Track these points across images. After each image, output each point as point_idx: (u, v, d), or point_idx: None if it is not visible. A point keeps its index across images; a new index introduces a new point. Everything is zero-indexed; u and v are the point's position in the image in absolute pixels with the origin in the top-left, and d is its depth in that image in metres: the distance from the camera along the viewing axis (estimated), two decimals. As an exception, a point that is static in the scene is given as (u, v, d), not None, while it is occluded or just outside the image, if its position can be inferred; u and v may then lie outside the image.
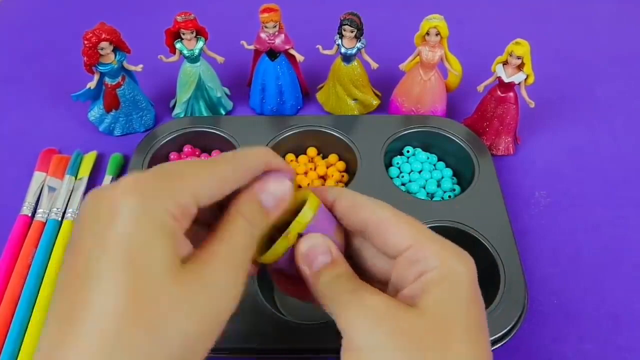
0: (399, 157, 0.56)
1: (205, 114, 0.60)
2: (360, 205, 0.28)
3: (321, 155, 0.57)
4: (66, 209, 0.52)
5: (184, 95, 0.58)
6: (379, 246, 0.27)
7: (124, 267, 0.20)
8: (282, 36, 0.56)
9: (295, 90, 0.61)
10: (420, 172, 0.55)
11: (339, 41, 0.55)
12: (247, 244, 0.25)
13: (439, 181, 0.54)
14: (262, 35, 0.56)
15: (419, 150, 0.57)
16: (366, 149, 0.54)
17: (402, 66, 0.58)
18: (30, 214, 0.51)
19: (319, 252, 0.26)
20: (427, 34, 0.53)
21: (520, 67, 0.52)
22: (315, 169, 0.55)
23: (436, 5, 0.58)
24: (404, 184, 0.54)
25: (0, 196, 0.54)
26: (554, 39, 0.73)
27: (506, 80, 0.53)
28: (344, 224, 0.28)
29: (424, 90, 0.57)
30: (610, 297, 0.47)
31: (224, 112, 0.62)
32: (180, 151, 0.56)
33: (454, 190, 0.54)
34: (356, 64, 0.58)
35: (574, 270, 0.49)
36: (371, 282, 0.27)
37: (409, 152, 0.56)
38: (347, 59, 0.57)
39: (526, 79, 0.53)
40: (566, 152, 0.59)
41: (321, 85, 0.63)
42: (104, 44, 0.52)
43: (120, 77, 0.56)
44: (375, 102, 0.62)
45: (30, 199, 0.52)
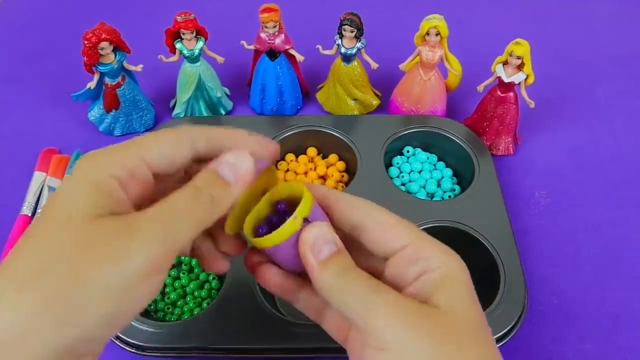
0: (399, 157, 0.56)
1: (205, 114, 0.60)
2: (356, 205, 0.28)
3: (321, 155, 0.57)
4: (66, 209, 0.52)
5: (184, 95, 0.58)
6: (374, 245, 0.27)
7: (44, 215, 0.23)
8: (282, 36, 0.56)
9: (295, 90, 0.61)
10: (420, 172, 0.55)
11: (339, 41, 0.55)
12: (186, 206, 0.24)
13: (439, 181, 0.54)
14: (262, 35, 0.56)
15: (419, 150, 0.57)
16: (366, 149, 0.54)
17: (402, 66, 0.58)
18: (30, 214, 0.51)
19: (325, 242, 0.26)
20: (427, 34, 0.53)
21: (520, 67, 0.52)
22: (315, 169, 0.55)
23: (436, 5, 0.58)
24: (404, 184, 0.54)
25: (0, 196, 0.54)
26: (554, 39, 0.73)
27: (506, 80, 0.53)
28: (339, 223, 0.28)
29: (424, 90, 0.57)
30: (610, 297, 0.47)
31: (224, 112, 0.62)
32: (180, 151, 0.56)
33: (454, 190, 0.54)
34: (356, 64, 0.58)
35: (574, 270, 0.49)
36: None
37: (409, 152, 0.56)
38: (347, 59, 0.57)
39: (526, 79, 0.53)
40: (566, 152, 0.59)
41: (321, 85, 0.63)
42: (104, 44, 0.52)
43: (120, 77, 0.56)
44: (375, 102, 0.62)
45: (30, 199, 0.52)
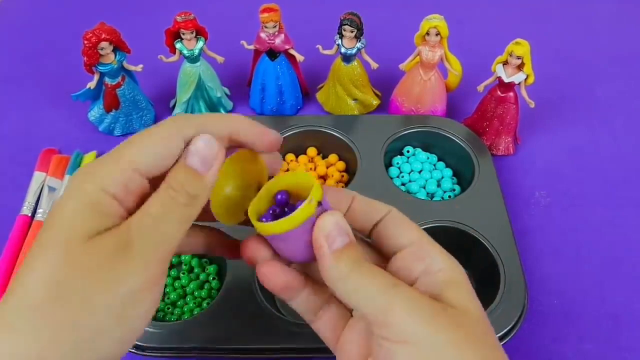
0: (399, 157, 0.56)
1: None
2: (374, 203, 0.29)
3: (321, 155, 0.57)
4: (66, 209, 0.52)
5: (184, 95, 0.58)
6: (387, 239, 0.28)
7: (44, 239, 0.23)
8: (282, 36, 0.56)
9: (295, 90, 0.61)
10: (420, 172, 0.55)
11: (339, 41, 0.55)
12: (167, 211, 0.24)
13: (439, 181, 0.54)
14: (262, 35, 0.56)
15: (419, 150, 0.57)
16: (366, 149, 0.54)
17: (402, 66, 0.58)
18: (30, 214, 0.51)
19: (340, 232, 0.26)
20: (427, 34, 0.53)
21: (520, 67, 0.52)
22: (315, 169, 0.55)
23: (436, 5, 0.58)
24: (404, 184, 0.54)
25: (0, 196, 0.54)
26: (554, 39, 0.73)
27: (506, 80, 0.53)
28: (357, 220, 0.29)
29: (424, 90, 0.57)
30: (610, 297, 0.47)
31: (224, 112, 0.62)
32: (180, 151, 0.56)
33: (454, 190, 0.54)
34: (356, 64, 0.58)
35: (574, 270, 0.49)
36: None
37: (409, 152, 0.56)
38: (347, 59, 0.57)
39: (526, 79, 0.53)
40: (566, 152, 0.59)
41: (321, 85, 0.63)
42: (104, 44, 0.52)
43: (120, 77, 0.56)
44: (375, 102, 0.62)
45: (30, 199, 0.52)
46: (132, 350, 0.41)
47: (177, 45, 0.55)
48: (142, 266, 0.23)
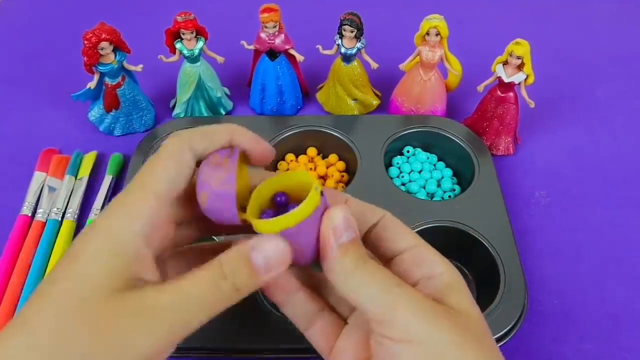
0: (399, 157, 0.56)
1: (205, 114, 0.60)
2: (368, 206, 0.29)
3: (321, 155, 0.57)
4: (66, 209, 0.52)
5: (184, 95, 0.58)
6: (388, 242, 0.28)
7: (62, 288, 0.22)
8: (282, 36, 0.56)
9: (295, 90, 0.61)
10: (420, 172, 0.55)
11: (339, 41, 0.55)
12: (203, 294, 0.23)
13: (439, 181, 0.54)
14: (262, 35, 0.56)
15: (419, 150, 0.57)
16: (366, 149, 0.54)
17: (402, 66, 0.58)
18: (30, 214, 0.51)
19: (347, 227, 0.26)
20: (427, 34, 0.53)
21: (520, 67, 0.52)
22: (315, 169, 0.55)
23: (436, 5, 0.58)
24: (404, 184, 0.54)
25: (0, 196, 0.54)
26: (554, 39, 0.73)
27: (506, 80, 0.53)
28: (360, 219, 0.29)
29: (424, 90, 0.57)
30: (610, 297, 0.47)
31: (224, 112, 0.62)
32: (180, 151, 0.56)
33: (454, 190, 0.54)
34: (356, 64, 0.58)
35: (574, 270, 0.49)
36: None
37: (409, 152, 0.56)
38: (347, 59, 0.57)
39: (526, 79, 0.53)
40: (566, 152, 0.59)
41: (321, 85, 0.63)
42: (104, 44, 0.52)
43: (120, 77, 0.56)
44: (375, 102, 0.62)
45: (30, 199, 0.52)
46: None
47: (177, 45, 0.55)
48: (162, 339, 0.22)
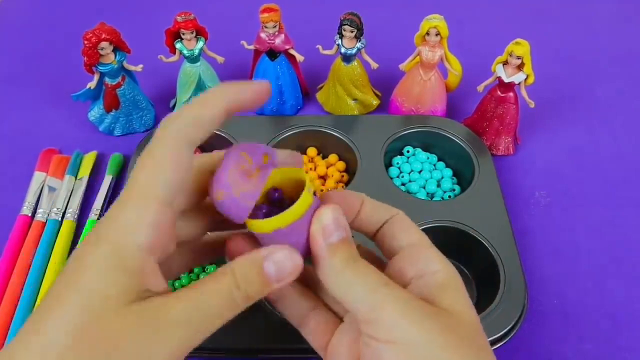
0: (399, 157, 0.56)
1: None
2: (382, 206, 0.29)
3: (321, 155, 0.57)
4: (66, 209, 0.52)
5: (184, 95, 0.58)
6: (390, 239, 0.28)
7: (73, 303, 0.21)
8: (282, 36, 0.56)
9: (295, 90, 0.61)
10: (420, 172, 0.55)
11: (339, 41, 0.55)
12: (217, 305, 0.23)
13: (439, 181, 0.54)
14: (262, 35, 0.56)
15: (419, 150, 0.57)
16: (366, 149, 0.54)
17: (402, 66, 0.58)
18: (30, 214, 0.51)
19: (337, 226, 0.26)
20: (427, 34, 0.53)
21: (520, 67, 0.52)
22: (315, 169, 0.55)
23: (436, 5, 0.58)
24: (404, 184, 0.54)
25: (0, 196, 0.54)
26: (554, 39, 0.73)
27: (506, 80, 0.53)
28: (366, 222, 0.29)
29: (424, 90, 0.57)
30: (610, 297, 0.47)
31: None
32: (180, 151, 0.56)
33: (454, 190, 0.54)
34: (356, 64, 0.58)
35: (574, 270, 0.49)
36: None
37: (409, 152, 0.56)
38: (347, 59, 0.57)
39: (526, 79, 0.53)
40: (566, 152, 0.59)
41: (321, 85, 0.63)
42: (104, 44, 0.52)
43: (120, 77, 0.56)
44: (375, 102, 0.62)
45: (30, 199, 0.52)
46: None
47: (177, 45, 0.55)
48: (178, 349, 0.22)
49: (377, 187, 0.51)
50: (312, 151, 0.57)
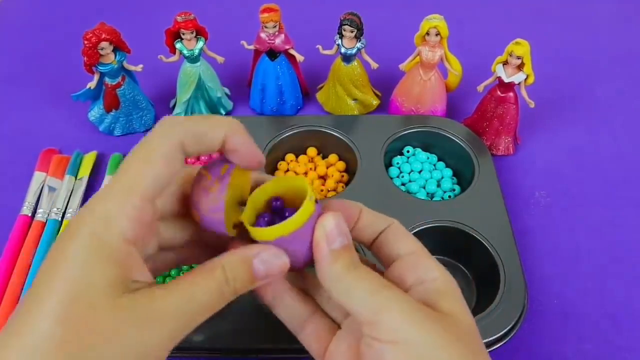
0: (399, 157, 0.56)
1: (205, 114, 0.60)
2: (379, 215, 0.30)
3: (321, 155, 0.57)
4: (66, 209, 0.52)
5: (184, 95, 0.58)
6: (389, 247, 0.29)
7: (62, 294, 0.21)
8: (282, 36, 0.56)
9: (295, 90, 0.61)
10: (420, 172, 0.55)
11: (339, 41, 0.55)
12: (207, 299, 0.24)
13: (439, 181, 0.54)
14: (262, 35, 0.56)
15: (419, 150, 0.57)
16: (366, 149, 0.54)
17: (402, 66, 0.58)
18: (30, 214, 0.51)
19: (339, 233, 0.26)
20: (427, 34, 0.53)
21: (520, 67, 0.52)
22: (315, 169, 0.55)
23: (436, 5, 0.58)
24: (404, 184, 0.54)
25: (0, 196, 0.54)
26: (554, 39, 0.73)
27: (506, 80, 0.53)
28: (363, 232, 0.29)
29: (424, 90, 0.57)
30: (610, 297, 0.47)
31: (224, 112, 0.62)
32: (180, 151, 0.56)
33: (454, 190, 0.54)
34: (356, 64, 0.58)
35: (574, 270, 0.49)
36: None
37: (409, 152, 0.56)
38: (347, 59, 0.57)
39: (526, 79, 0.53)
40: (566, 152, 0.59)
41: (321, 85, 0.63)
42: (104, 44, 0.52)
43: (120, 77, 0.56)
44: (375, 102, 0.62)
45: (30, 199, 0.52)
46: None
47: (177, 45, 0.55)
48: (167, 340, 0.23)
49: (377, 187, 0.51)
50: (312, 151, 0.57)
